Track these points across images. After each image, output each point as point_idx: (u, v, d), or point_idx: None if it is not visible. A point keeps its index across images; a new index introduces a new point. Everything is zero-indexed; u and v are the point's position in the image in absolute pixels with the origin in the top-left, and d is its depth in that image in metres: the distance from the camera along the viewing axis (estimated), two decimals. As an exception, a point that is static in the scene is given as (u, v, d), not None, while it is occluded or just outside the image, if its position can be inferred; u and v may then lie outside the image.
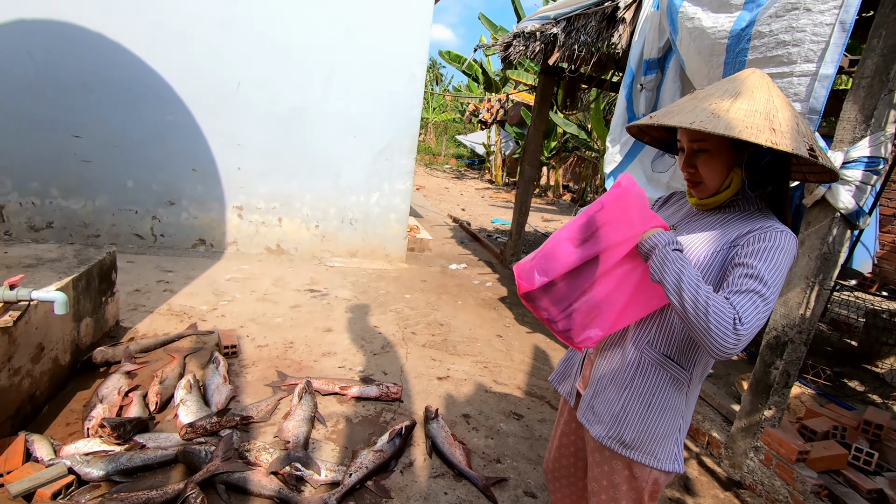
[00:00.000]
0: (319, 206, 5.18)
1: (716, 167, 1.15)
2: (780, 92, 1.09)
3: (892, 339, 3.83)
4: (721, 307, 1.00)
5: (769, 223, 1.11)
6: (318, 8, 4.71)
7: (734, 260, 1.09)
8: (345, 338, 3.51)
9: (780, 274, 1.05)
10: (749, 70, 1.11)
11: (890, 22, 2.02)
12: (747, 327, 0.99)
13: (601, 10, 3.29)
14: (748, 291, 1.02)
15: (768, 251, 1.05)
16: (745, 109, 1.04)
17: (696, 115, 1.08)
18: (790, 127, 1.04)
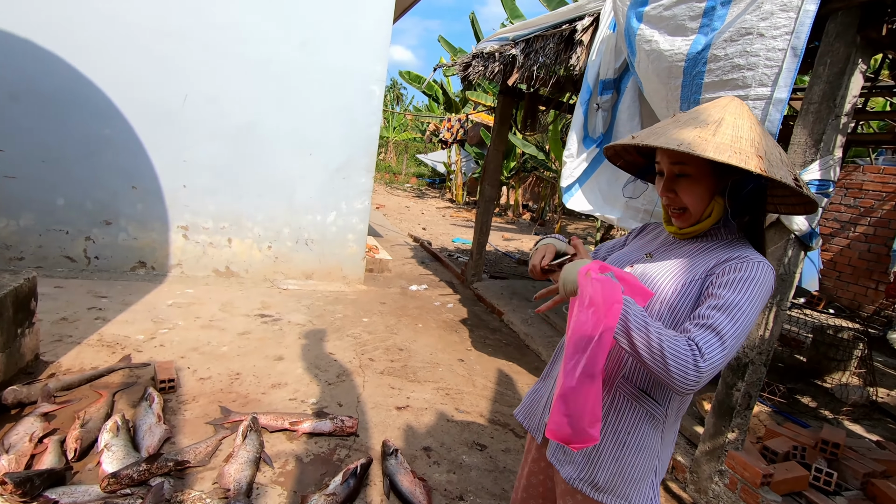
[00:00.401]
0: (272, 225, 4.94)
1: (697, 194, 1.10)
2: (757, 121, 1.05)
3: (838, 354, 3.97)
4: (677, 345, 0.94)
5: (747, 253, 1.07)
6: (272, 22, 4.56)
7: (707, 290, 1.05)
8: (297, 367, 3.29)
9: (752, 306, 1.00)
10: (728, 98, 1.08)
11: (834, 50, 2.09)
12: (710, 363, 0.94)
13: (559, 32, 3.32)
14: (711, 328, 0.97)
15: (743, 282, 1.01)
16: (731, 135, 1.00)
17: (683, 137, 1.03)
18: (775, 155, 1.01)
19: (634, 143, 1.10)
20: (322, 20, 4.71)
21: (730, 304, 0.99)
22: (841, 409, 3.58)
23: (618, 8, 2.38)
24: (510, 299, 5.34)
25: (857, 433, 3.30)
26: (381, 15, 4.86)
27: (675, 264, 1.14)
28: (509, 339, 4.43)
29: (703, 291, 1.07)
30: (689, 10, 1.96)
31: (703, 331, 0.97)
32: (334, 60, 4.81)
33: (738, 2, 1.82)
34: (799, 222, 2.14)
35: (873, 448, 2.78)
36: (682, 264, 1.13)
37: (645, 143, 1.07)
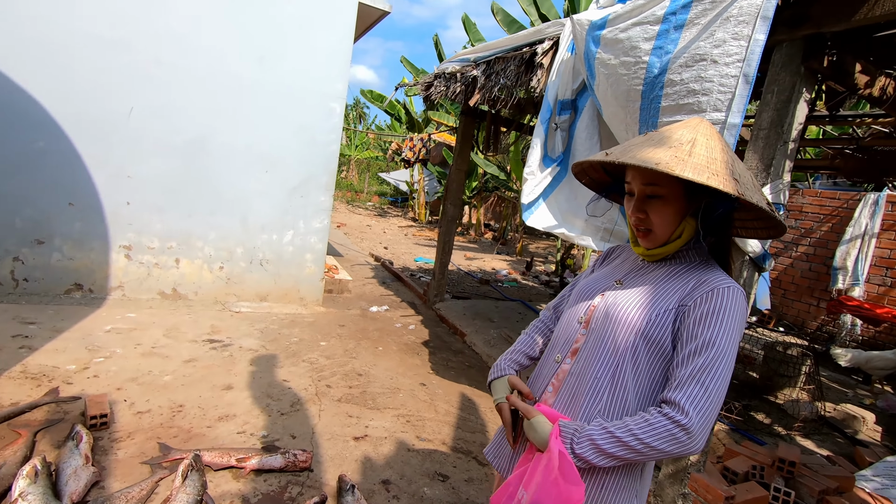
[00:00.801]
0: (225, 245, 4.71)
1: (668, 215, 1.08)
2: (728, 145, 1.04)
3: (788, 371, 4.10)
4: (653, 427, 0.95)
5: (716, 277, 1.04)
6: (228, 36, 4.42)
7: (681, 330, 1.03)
8: (247, 396, 3.09)
9: (731, 339, 0.98)
10: (697, 119, 1.07)
11: (780, 80, 2.18)
12: (700, 415, 0.93)
13: (520, 55, 3.35)
14: (695, 379, 0.96)
15: (717, 314, 0.99)
16: (706, 156, 0.98)
17: (659, 157, 1.00)
18: (748, 178, 1.00)
19: (609, 160, 1.07)
20: (281, 36, 4.60)
21: (708, 341, 0.97)
22: (793, 424, 3.67)
23: (577, 32, 2.42)
24: (473, 320, 5.27)
25: (809, 449, 3.38)
26: (342, 32, 4.81)
27: (647, 291, 1.11)
28: (472, 362, 4.35)
29: (678, 323, 1.04)
30: (643, 32, 2.00)
31: (687, 389, 0.96)
32: (293, 76, 4.70)
33: (690, 27, 1.86)
34: (753, 245, 2.19)
35: (826, 464, 2.84)
36: (654, 291, 1.10)
37: (621, 161, 1.03)
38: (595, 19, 2.26)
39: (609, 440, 0.98)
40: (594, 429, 1.00)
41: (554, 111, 2.73)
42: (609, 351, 1.10)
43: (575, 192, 2.73)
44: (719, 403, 0.96)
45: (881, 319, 5.31)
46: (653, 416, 0.96)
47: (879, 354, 4.81)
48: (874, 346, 5.89)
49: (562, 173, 2.74)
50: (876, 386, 4.87)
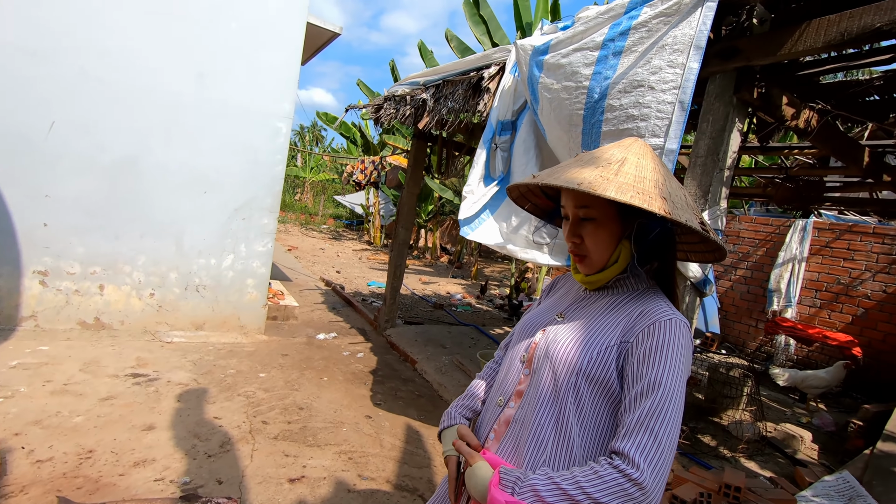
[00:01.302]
0: (157, 270, 4.38)
1: (602, 238, 1.02)
2: (662, 163, 1.00)
3: (731, 392, 4.19)
4: (602, 480, 0.85)
5: (658, 307, 0.98)
6: (164, 50, 4.20)
7: (626, 370, 0.95)
8: (170, 437, 2.80)
9: (678, 377, 0.91)
10: (632, 139, 1.03)
11: (714, 110, 2.24)
12: (655, 471, 0.84)
13: (468, 79, 3.34)
14: (643, 426, 0.87)
15: (661, 350, 0.92)
16: (635, 175, 0.94)
17: (584, 177, 0.95)
18: (680, 198, 0.95)
19: (534, 182, 1.02)
20: (223, 52, 4.43)
21: (653, 385, 0.90)
22: (737, 446, 3.72)
23: (520, 56, 2.42)
24: (425, 346, 5.13)
25: (753, 471, 3.42)
26: (289, 51, 4.69)
27: (588, 325, 1.04)
28: (422, 390, 4.19)
29: (622, 361, 0.97)
30: (584, 57, 2.01)
31: (635, 438, 0.88)
32: (236, 95, 4.52)
33: (628, 54, 1.89)
34: (693, 269, 2.20)
35: (769, 487, 2.86)
36: (596, 325, 1.03)
37: (544, 183, 0.99)
38: (538, 44, 2.27)
39: (554, 492, 0.87)
40: (539, 478, 0.90)
41: (495, 132, 2.72)
42: (550, 394, 1.01)
43: (517, 210, 2.69)
44: (672, 451, 0.88)
45: (813, 339, 5.59)
46: (602, 468, 0.87)
47: (814, 374, 5.03)
48: (807, 364, 6.17)
49: (502, 192, 2.71)
50: (811, 404, 5.06)
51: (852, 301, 6.05)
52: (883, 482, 3.04)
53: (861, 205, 4.96)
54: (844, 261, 6.17)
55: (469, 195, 2.73)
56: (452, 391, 4.06)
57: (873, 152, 2.98)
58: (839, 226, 6.34)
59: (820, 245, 6.41)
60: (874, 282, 5.86)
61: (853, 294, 6.03)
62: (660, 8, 1.84)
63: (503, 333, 6.40)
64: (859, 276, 6.00)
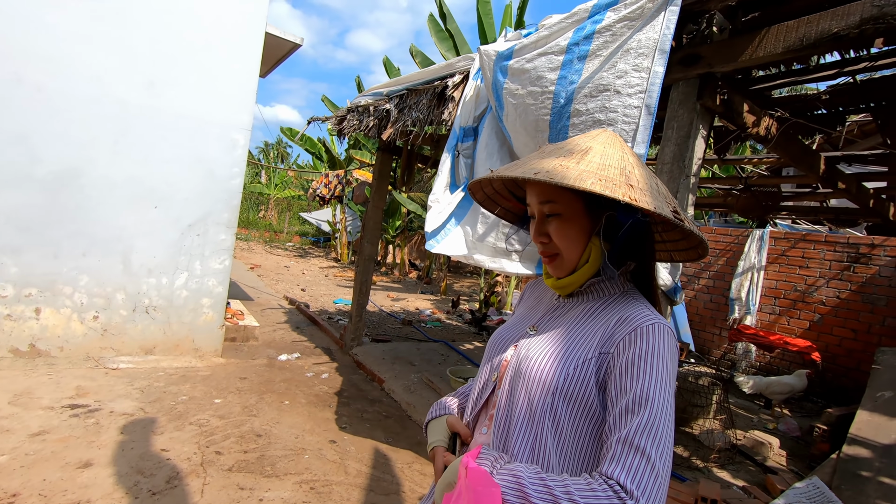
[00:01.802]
0: (101, 291, 4.08)
1: (571, 235, 0.94)
2: (632, 151, 0.92)
3: (701, 401, 4.19)
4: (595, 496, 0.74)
5: (638, 312, 0.89)
6: (109, 57, 3.97)
7: (608, 384, 0.85)
8: (110, 474, 2.54)
9: (667, 388, 0.81)
10: (600, 129, 0.95)
11: (679, 116, 2.23)
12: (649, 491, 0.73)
13: (432, 88, 3.28)
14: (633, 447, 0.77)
15: (645, 360, 0.83)
16: (598, 163, 0.86)
17: (542, 166, 0.87)
18: (648, 185, 0.86)
19: (492, 176, 0.93)
20: (176, 60, 4.23)
21: (641, 399, 0.80)
22: (709, 456, 3.71)
23: (484, 62, 2.37)
24: (392, 364, 4.96)
25: (726, 480, 3.40)
26: (247, 62, 4.53)
27: (563, 337, 0.94)
28: (390, 411, 4.02)
29: (602, 374, 0.87)
30: (548, 62, 1.97)
31: (624, 458, 0.77)
32: (190, 105, 4.31)
33: (593, 58, 1.85)
34: (664, 277, 2.16)
35: (743, 497, 2.83)
36: (571, 336, 0.93)
37: (500, 176, 0.90)
38: (502, 50, 2.22)
39: (538, 487, 0.76)
40: (526, 469, 0.80)
41: (458, 138, 2.65)
42: (525, 417, 0.91)
43: (483, 217, 2.61)
44: (667, 473, 0.77)
45: (774, 346, 5.72)
46: (599, 485, 0.75)
47: (777, 380, 5.12)
48: (770, 370, 6.31)
49: (468, 199, 2.63)
50: (776, 410, 5.14)
51: (809, 307, 6.24)
52: (851, 486, 3.06)
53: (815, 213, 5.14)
54: (800, 269, 6.38)
55: (435, 204, 2.64)
56: (422, 410, 3.91)
57: (828, 160, 3.07)
58: (794, 235, 6.57)
59: (777, 254, 6.62)
60: (828, 288, 6.08)
61: (809, 301, 6.23)
62: (623, 12, 1.82)
63: (473, 349, 6.28)
64: (814, 283, 6.21)
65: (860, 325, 5.76)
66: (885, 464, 3.16)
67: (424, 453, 3.34)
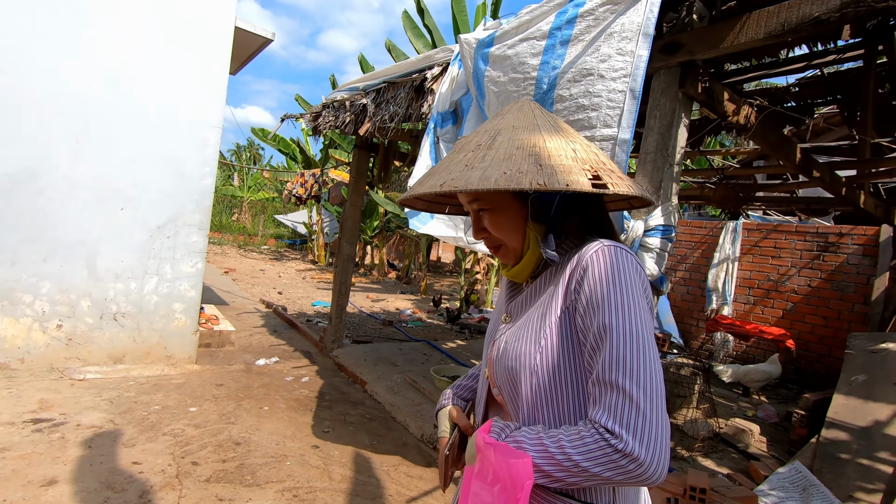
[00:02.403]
0: (65, 298, 3.87)
1: (506, 226, 0.91)
2: (550, 118, 0.89)
3: (683, 391, 4.23)
4: (580, 442, 0.73)
5: (586, 248, 0.84)
6: (67, 52, 3.77)
7: (579, 333, 0.82)
8: (76, 491, 2.39)
9: (629, 311, 0.76)
10: (514, 101, 0.93)
11: (661, 105, 2.21)
12: (635, 433, 0.70)
13: (410, 81, 3.20)
14: (608, 385, 0.73)
15: (598, 286, 0.78)
16: (505, 150, 0.82)
17: (449, 172, 0.85)
18: (563, 156, 0.81)
19: (406, 196, 0.98)
20: (141, 55, 4.05)
21: (604, 329, 0.75)
22: (694, 445, 3.73)
23: (465, 51, 2.31)
24: (374, 366, 4.86)
25: (711, 469, 3.42)
26: (217, 57, 4.37)
27: (530, 317, 0.91)
28: (373, 413, 3.93)
29: (574, 326, 0.83)
30: (530, 47, 1.93)
31: (600, 398, 0.74)
32: (157, 101, 4.13)
33: (576, 43, 1.82)
34: (650, 266, 2.13)
35: (730, 485, 2.84)
36: (537, 312, 0.89)
37: (412, 195, 0.94)
38: (482, 37, 2.16)
39: (538, 448, 0.76)
40: (527, 434, 0.80)
41: (436, 124, 2.59)
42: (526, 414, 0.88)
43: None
44: (656, 407, 0.71)
45: (750, 335, 5.83)
46: (587, 432, 0.73)
47: (754, 368, 5.22)
48: (746, 359, 6.44)
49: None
50: (754, 397, 5.24)
51: (781, 296, 6.39)
52: (831, 469, 3.11)
53: (788, 203, 5.25)
54: (772, 258, 6.54)
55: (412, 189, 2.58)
56: (406, 411, 3.83)
57: (804, 149, 3.12)
58: (765, 226, 6.72)
59: (750, 245, 6.76)
60: (800, 277, 6.23)
61: (782, 290, 6.38)
62: (605, -4, 1.78)
63: (456, 347, 6.23)
64: (786, 273, 6.37)
65: (830, 313, 5.92)
66: (862, 445, 3.23)
67: (410, 455, 3.27)
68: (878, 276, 5.42)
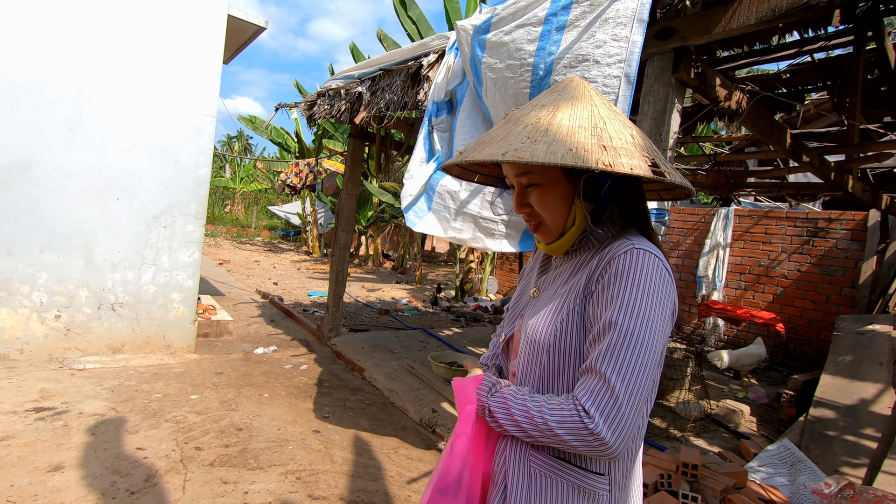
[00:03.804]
0: (63, 288, 3.88)
1: (553, 202, 0.92)
2: (605, 100, 0.90)
3: (676, 374, 4.32)
4: (561, 412, 0.81)
5: (620, 244, 0.86)
6: (59, 40, 3.74)
7: (587, 322, 0.87)
8: (83, 476, 2.43)
9: (638, 314, 0.80)
10: (567, 78, 0.92)
11: (655, 91, 2.25)
12: (607, 419, 0.77)
13: (406, 68, 3.21)
14: (594, 372, 0.80)
15: (615, 285, 0.82)
16: (568, 127, 0.82)
17: (510, 142, 0.84)
18: (624, 140, 0.83)
19: (460, 160, 0.93)
20: (134, 44, 4.02)
21: (608, 325, 0.81)
22: (686, 426, 3.83)
23: (461, 38, 2.33)
24: (372, 353, 4.91)
25: (703, 447, 3.52)
26: (211, 45, 4.34)
27: (556, 297, 0.94)
28: (372, 399, 3.99)
29: (585, 316, 0.88)
30: (526, 33, 1.95)
31: (586, 381, 0.81)
32: (151, 90, 4.11)
33: (571, 28, 1.84)
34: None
35: (721, 462, 2.93)
36: (563, 294, 0.93)
37: (468, 160, 0.89)
38: (478, 23, 2.18)
39: (520, 406, 0.87)
40: (514, 392, 0.90)
41: (431, 113, 2.61)
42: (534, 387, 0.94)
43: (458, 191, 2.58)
44: (635, 402, 0.77)
45: (741, 319, 5.94)
46: (568, 405, 0.81)
47: (745, 351, 5.33)
48: (737, 343, 6.56)
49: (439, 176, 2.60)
50: (744, 380, 5.36)
51: (772, 281, 6.50)
52: (819, 446, 3.22)
53: (778, 189, 5.33)
54: (763, 244, 6.63)
55: (408, 180, 2.60)
56: (404, 396, 3.89)
57: (794, 134, 3.17)
58: (756, 212, 6.81)
59: (741, 231, 6.85)
60: (790, 262, 6.34)
61: (772, 275, 6.49)
62: (601, -18, 1.81)
63: (453, 335, 6.29)
64: (777, 258, 6.47)
65: (819, 296, 6.04)
66: (848, 423, 3.34)
67: (409, 438, 3.34)
68: (866, 260, 5.53)
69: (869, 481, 2.83)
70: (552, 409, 0.82)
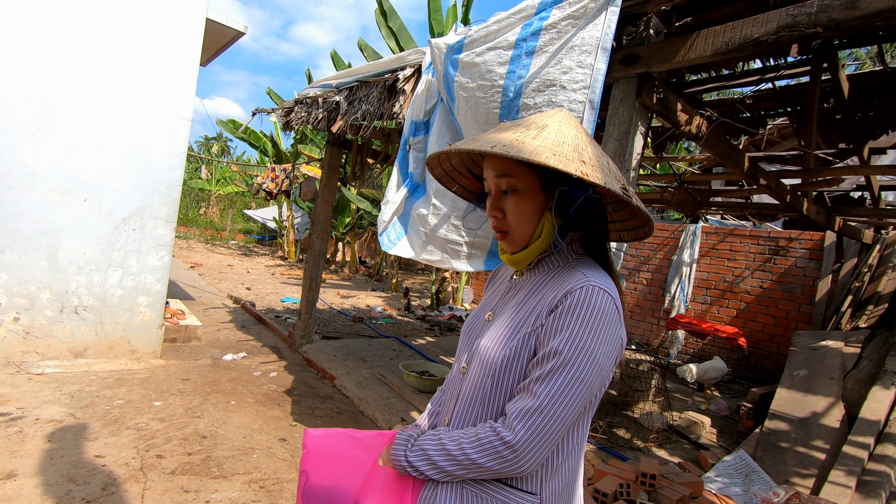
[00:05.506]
0: (23, 290, 3.77)
1: (525, 211, 0.96)
2: (587, 133, 0.97)
3: (641, 385, 4.43)
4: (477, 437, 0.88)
5: (577, 279, 0.91)
6: (26, 35, 3.66)
7: (535, 348, 0.92)
8: (37, 485, 2.37)
9: (581, 347, 0.85)
10: (556, 109, 1.00)
11: (620, 114, 2.35)
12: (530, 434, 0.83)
13: (382, 80, 3.26)
14: (528, 390, 0.87)
15: (565, 319, 0.87)
16: (553, 139, 0.90)
17: (501, 140, 0.91)
18: (599, 162, 0.91)
19: (448, 150, 0.97)
20: (108, 43, 3.96)
21: (550, 353, 0.86)
22: (649, 436, 3.93)
23: (436, 56, 2.40)
24: (344, 361, 4.90)
25: (664, 458, 3.62)
26: (187, 47, 4.31)
27: (510, 320, 0.98)
28: (342, 407, 3.98)
29: (534, 344, 0.92)
30: (497, 56, 2.02)
31: (519, 398, 0.88)
32: (124, 90, 4.05)
33: (540, 54, 1.92)
34: (607, 265, 2.27)
35: (679, 472, 3.03)
36: (516, 318, 0.97)
37: (457, 149, 0.94)
38: (452, 42, 2.25)
39: (440, 452, 0.91)
40: (430, 439, 0.94)
41: (409, 133, 2.66)
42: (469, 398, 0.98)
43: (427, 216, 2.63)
44: (558, 420, 0.83)
45: (706, 333, 6.13)
46: (483, 431, 0.87)
47: (711, 365, 5.50)
48: (703, 357, 6.76)
49: (419, 192, 2.65)
50: (707, 392, 5.52)
51: (736, 297, 6.74)
52: (773, 457, 3.35)
53: (741, 208, 5.55)
54: (728, 261, 6.88)
55: (385, 205, 2.64)
56: (374, 405, 3.89)
57: (752, 158, 3.33)
58: (722, 230, 7.06)
59: (708, 247, 7.09)
60: (752, 279, 6.58)
61: (736, 290, 6.73)
62: (568, 10, 1.90)
63: (426, 343, 6.31)
64: (740, 275, 6.71)
65: (779, 312, 6.29)
66: (801, 435, 3.49)
67: (378, 447, 3.34)
68: (822, 279, 5.79)
69: (816, 491, 2.96)
70: (469, 439, 0.88)
